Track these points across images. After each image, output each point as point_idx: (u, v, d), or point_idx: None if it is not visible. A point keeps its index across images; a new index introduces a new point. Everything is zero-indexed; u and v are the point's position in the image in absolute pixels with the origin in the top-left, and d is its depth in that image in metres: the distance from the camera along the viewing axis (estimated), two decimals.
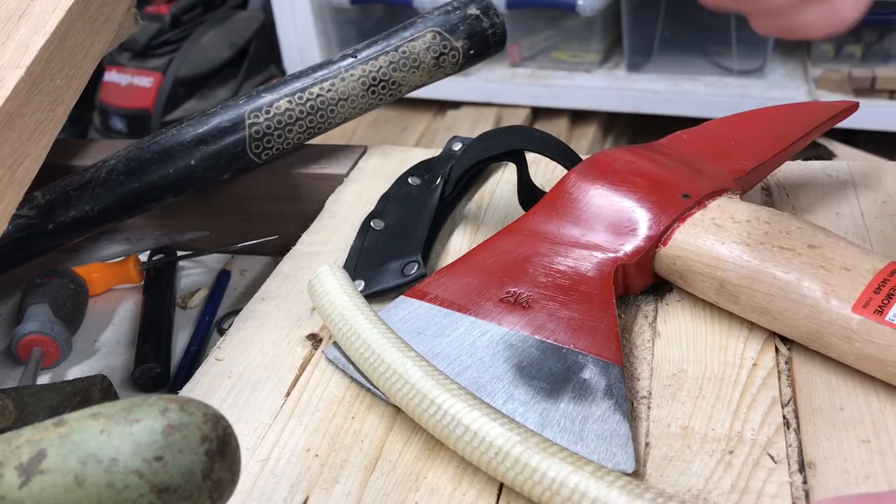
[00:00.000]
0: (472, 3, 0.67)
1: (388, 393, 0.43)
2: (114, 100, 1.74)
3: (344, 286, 0.48)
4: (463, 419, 0.39)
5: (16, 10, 0.55)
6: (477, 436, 0.39)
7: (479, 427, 0.39)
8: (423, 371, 0.42)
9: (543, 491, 0.37)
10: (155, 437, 0.30)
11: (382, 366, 0.43)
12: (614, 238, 0.51)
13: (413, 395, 0.41)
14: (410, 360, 0.43)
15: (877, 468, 0.39)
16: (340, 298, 0.47)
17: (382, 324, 0.45)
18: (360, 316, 0.45)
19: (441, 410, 0.40)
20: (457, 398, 0.40)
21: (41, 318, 0.59)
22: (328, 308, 0.47)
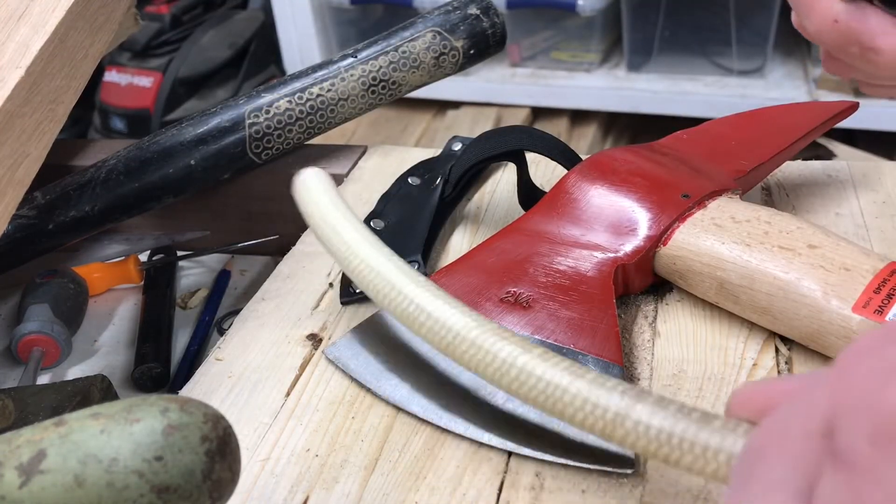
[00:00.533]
0: (472, 3, 0.67)
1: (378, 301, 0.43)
2: (114, 100, 1.74)
3: (329, 192, 0.49)
4: (431, 311, 0.40)
5: (16, 10, 0.55)
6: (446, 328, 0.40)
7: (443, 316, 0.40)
8: (400, 269, 0.43)
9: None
10: (155, 437, 0.30)
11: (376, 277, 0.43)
12: (614, 238, 0.51)
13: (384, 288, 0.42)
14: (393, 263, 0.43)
15: None
16: (326, 206, 0.48)
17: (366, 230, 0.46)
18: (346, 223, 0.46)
19: (409, 301, 0.41)
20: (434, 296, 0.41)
21: (41, 318, 0.59)
22: (314, 216, 0.49)
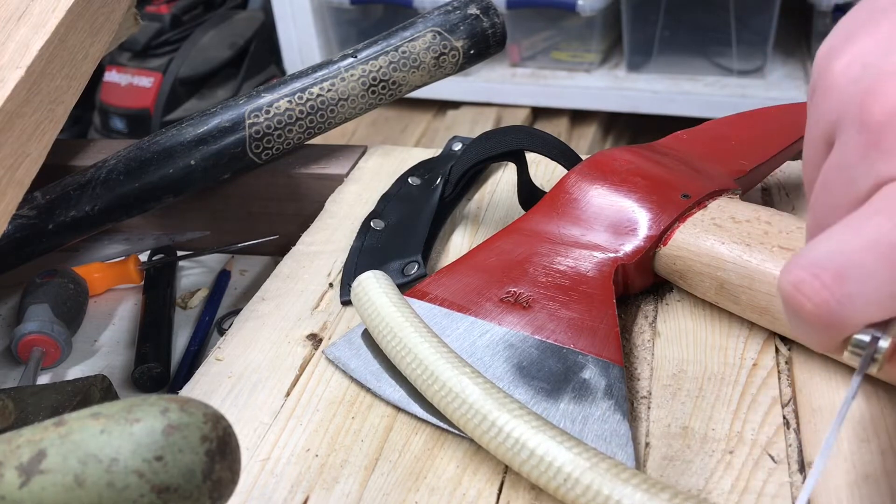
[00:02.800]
0: (472, 3, 0.67)
1: (445, 411, 0.43)
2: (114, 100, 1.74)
3: (389, 294, 0.47)
4: (528, 444, 0.38)
5: (16, 10, 0.55)
6: (549, 464, 0.38)
7: (547, 453, 0.38)
8: (483, 390, 0.41)
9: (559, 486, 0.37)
10: (155, 436, 0.30)
11: (441, 387, 0.42)
12: (614, 238, 0.51)
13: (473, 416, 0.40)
14: (467, 377, 0.42)
15: (877, 468, 0.39)
16: (387, 308, 0.46)
17: (433, 336, 0.45)
18: (410, 328, 0.45)
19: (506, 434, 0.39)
20: (519, 419, 0.39)
21: (41, 318, 0.59)
22: (374, 318, 0.47)
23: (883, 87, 0.30)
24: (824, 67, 0.33)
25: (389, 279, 0.48)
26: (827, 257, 0.29)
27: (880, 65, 0.30)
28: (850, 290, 0.29)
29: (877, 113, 0.30)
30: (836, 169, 0.32)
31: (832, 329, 0.30)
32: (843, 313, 0.29)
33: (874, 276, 0.29)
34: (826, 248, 0.29)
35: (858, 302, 0.29)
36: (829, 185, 0.32)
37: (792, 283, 0.30)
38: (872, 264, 0.29)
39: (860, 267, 0.29)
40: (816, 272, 0.29)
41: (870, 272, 0.29)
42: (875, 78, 0.30)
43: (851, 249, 0.29)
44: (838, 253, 0.29)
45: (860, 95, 0.30)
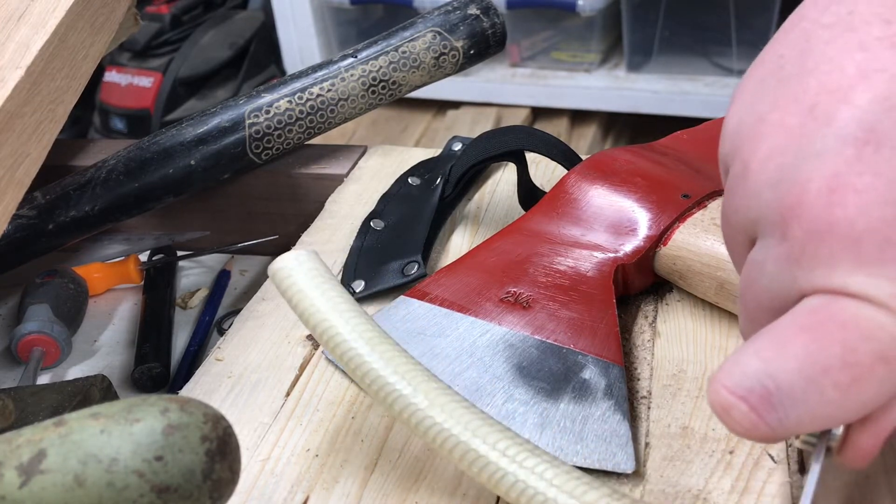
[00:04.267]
0: (472, 3, 0.67)
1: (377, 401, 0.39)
2: (114, 100, 1.74)
3: (315, 281, 0.40)
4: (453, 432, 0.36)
5: (16, 9, 0.55)
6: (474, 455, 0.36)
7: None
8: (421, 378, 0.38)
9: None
10: (155, 436, 0.30)
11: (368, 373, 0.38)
12: (614, 238, 0.51)
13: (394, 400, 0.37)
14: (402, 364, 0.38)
15: (877, 468, 0.39)
16: (316, 302, 0.39)
17: (366, 322, 0.40)
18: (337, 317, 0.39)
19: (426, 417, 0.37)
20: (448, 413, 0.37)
21: (41, 318, 0.59)
22: (303, 312, 0.40)
23: (802, 201, 0.29)
24: (736, 151, 0.32)
25: (319, 261, 0.41)
26: (755, 379, 0.29)
27: (797, 170, 0.30)
28: (781, 416, 0.29)
29: (796, 229, 0.29)
30: (759, 270, 0.31)
31: (768, 442, 0.31)
32: (776, 435, 0.30)
33: (805, 402, 0.29)
34: (754, 368, 0.29)
35: (791, 425, 0.29)
36: (752, 284, 0.32)
37: (721, 406, 0.30)
38: (802, 390, 0.29)
39: (789, 393, 0.29)
40: (744, 395, 0.29)
41: (800, 398, 0.29)
42: (793, 188, 0.29)
43: (780, 371, 0.29)
44: (766, 375, 0.29)
45: (779, 206, 0.30)
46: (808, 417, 0.29)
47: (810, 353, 0.29)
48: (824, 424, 0.30)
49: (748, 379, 0.29)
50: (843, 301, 0.28)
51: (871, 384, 0.28)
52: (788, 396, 0.29)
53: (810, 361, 0.29)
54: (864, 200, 0.28)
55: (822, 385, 0.28)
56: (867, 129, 0.29)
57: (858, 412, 0.29)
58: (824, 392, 0.28)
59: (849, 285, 0.28)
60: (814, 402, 0.29)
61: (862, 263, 0.28)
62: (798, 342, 0.29)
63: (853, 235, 0.28)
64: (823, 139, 0.29)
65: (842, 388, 0.28)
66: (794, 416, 0.29)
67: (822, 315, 0.29)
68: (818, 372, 0.28)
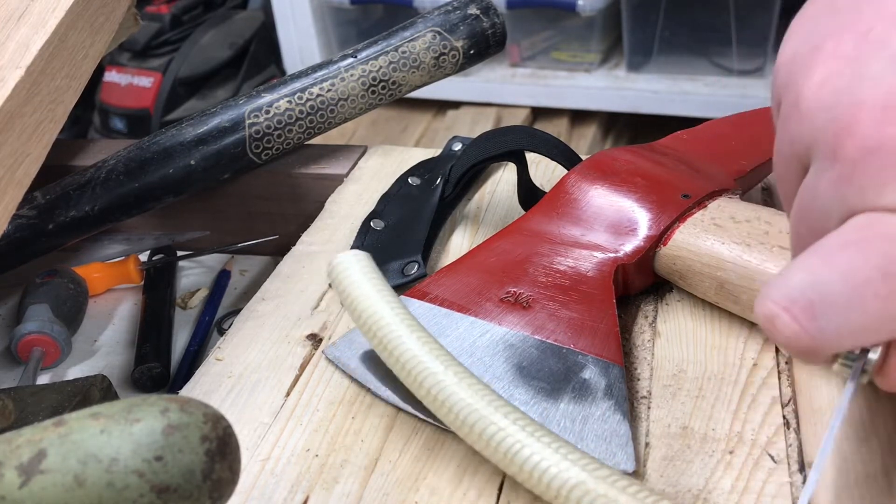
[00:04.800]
0: (472, 3, 0.67)
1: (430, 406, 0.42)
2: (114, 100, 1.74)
3: (369, 275, 0.45)
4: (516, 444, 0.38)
5: (16, 9, 0.55)
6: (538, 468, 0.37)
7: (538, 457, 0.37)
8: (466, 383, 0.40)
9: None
10: (155, 436, 0.30)
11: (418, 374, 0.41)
12: (614, 238, 0.51)
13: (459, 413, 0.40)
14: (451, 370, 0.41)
15: (877, 468, 0.39)
16: (367, 289, 0.44)
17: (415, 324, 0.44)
18: (392, 315, 0.43)
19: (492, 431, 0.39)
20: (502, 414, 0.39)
21: (41, 318, 0.59)
22: (355, 299, 0.44)
23: (855, 121, 0.30)
24: (790, 82, 0.33)
25: (371, 261, 0.46)
26: (799, 290, 0.30)
27: (851, 93, 0.30)
28: (822, 325, 0.29)
29: (849, 148, 0.30)
30: (811, 194, 0.32)
31: (810, 356, 0.31)
32: (817, 346, 0.30)
33: (846, 312, 0.29)
34: (798, 280, 0.30)
35: (831, 336, 0.30)
36: (805, 209, 0.33)
37: (765, 316, 0.30)
38: (844, 300, 0.29)
39: (832, 303, 0.29)
40: (788, 306, 0.30)
41: (842, 308, 0.29)
42: (847, 110, 0.30)
43: (823, 282, 0.29)
44: (810, 286, 0.30)
45: (833, 127, 0.30)
46: (847, 328, 0.30)
47: (854, 265, 0.29)
48: (864, 336, 0.30)
49: (793, 290, 0.30)
50: (890, 217, 0.29)
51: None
52: (831, 306, 0.29)
53: (852, 272, 0.29)
54: None
55: (864, 295, 0.29)
56: None
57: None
58: (866, 302, 0.29)
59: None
60: (855, 311, 0.29)
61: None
62: (843, 255, 0.30)
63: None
64: (878, 62, 0.30)
65: (882, 298, 0.29)
66: (834, 326, 0.29)
67: (867, 230, 0.29)
68: (860, 282, 0.29)
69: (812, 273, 0.30)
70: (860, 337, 0.30)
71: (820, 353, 0.31)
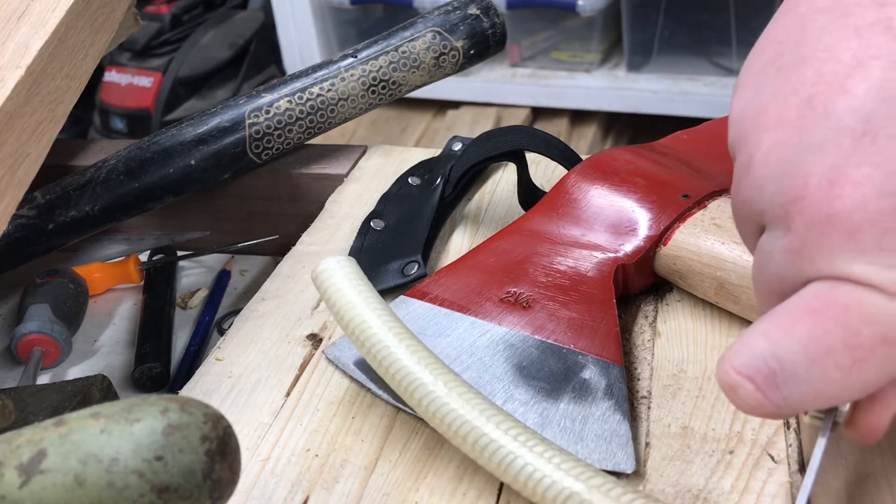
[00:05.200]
0: (473, 3, 0.67)
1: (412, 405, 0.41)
2: (114, 100, 1.74)
3: (354, 282, 0.45)
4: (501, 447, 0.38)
5: (16, 9, 0.55)
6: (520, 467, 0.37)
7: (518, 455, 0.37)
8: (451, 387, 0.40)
9: None
10: (155, 436, 0.30)
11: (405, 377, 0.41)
12: (614, 238, 0.51)
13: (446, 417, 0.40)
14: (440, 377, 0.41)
15: (877, 468, 0.39)
16: (352, 297, 0.44)
17: (399, 326, 0.43)
18: (376, 319, 0.43)
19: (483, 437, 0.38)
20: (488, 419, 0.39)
21: (41, 318, 0.59)
22: (340, 308, 0.44)
23: (802, 196, 0.30)
24: (741, 142, 0.33)
25: (356, 266, 0.45)
26: (761, 360, 0.30)
27: (798, 164, 0.31)
28: (785, 395, 0.30)
29: (798, 222, 0.30)
30: (767, 259, 0.33)
31: (775, 418, 0.33)
32: (781, 413, 0.31)
33: (808, 382, 0.30)
34: (760, 350, 0.31)
35: (794, 403, 0.30)
36: (762, 271, 0.34)
37: (728, 385, 0.31)
38: (805, 371, 0.30)
39: (793, 373, 0.30)
40: (751, 375, 0.31)
41: (804, 378, 0.30)
42: (794, 182, 0.30)
43: (785, 352, 0.30)
44: (772, 356, 0.30)
45: (781, 200, 0.31)
46: (811, 396, 0.30)
47: (814, 336, 0.30)
48: (828, 402, 0.31)
49: (755, 359, 0.31)
50: (846, 286, 0.29)
51: (873, 365, 0.29)
52: (792, 376, 0.30)
53: (814, 343, 0.30)
54: (862, 192, 0.29)
55: (825, 366, 0.29)
56: (864, 121, 0.29)
57: (861, 391, 0.30)
58: (827, 372, 0.29)
59: (851, 272, 0.29)
60: (817, 381, 0.30)
61: (862, 253, 0.29)
62: (803, 324, 0.30)
63: (852, 227, 0.29)
64: (822, 131, 0.30)
65: (844, 368, 0.29)
66: (797, 395, 0.30)
67: (825, 298, 0.30)
68: (821, 353, 0.29)
69: (773, 342, 0.30)
70: (825, 403, 0.31)
71: (786, 416, 0.32)
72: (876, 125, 0.29)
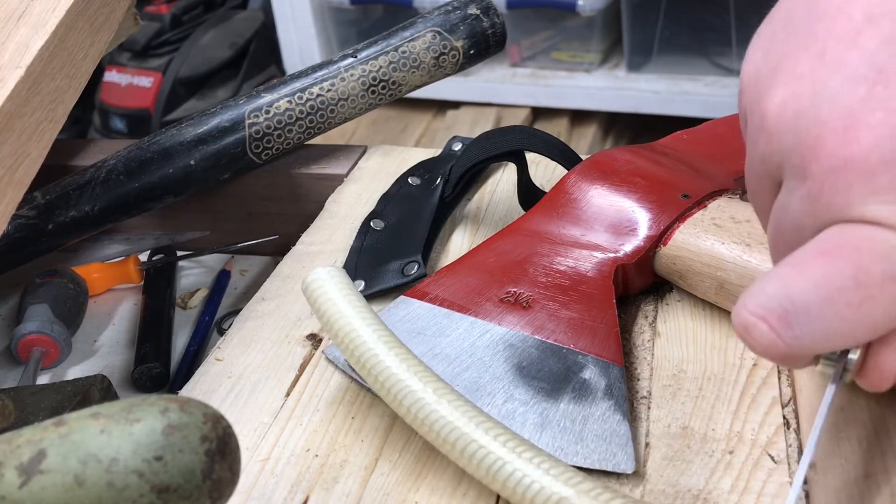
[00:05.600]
0: (472, 3, 0.67)
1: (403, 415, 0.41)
2: (114, 100, 1.74)
3: (344, 291, 0.45)
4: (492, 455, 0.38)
5: (16, 9, 0.55)
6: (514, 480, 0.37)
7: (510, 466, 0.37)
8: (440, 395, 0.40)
9: None
10: (155, 436, 0.30)
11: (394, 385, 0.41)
12: (614, 238, 0.51)
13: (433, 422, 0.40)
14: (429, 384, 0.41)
15: (877, 468, 0.39)
16: (343, 307, 0.43)
17: (391, 339, 0.43)
18: (367, 330, 0.43)
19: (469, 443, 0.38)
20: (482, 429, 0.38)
21: (41, 318, 0.59)
22: (330, 318, 0.44)
23: (818, 143, 0.31)
24: (754, 102, 0.34)
25: (346, 276, 0.45)
26: (774, 300, 0.31)
27: (812, 114, 0.31)
28: (798, 333, 0.31)
29: (815, 168, 0.31)
30: (785, 211, 0.33)
31: (788, 362, 0.32)
32: (793, 353, 0.31)
33: (820, 320, 0.30)
34: (773, 290, 0.31)
35: (807, 342, 0.31)
36: (780, 225, 0.34)
37: (742, 326, 0.32)
38: (818, 308, 0.30)
39: (806, 311, 0.30)
40: (764, 315, 0.31)
41: (816, 316, 0.30)
42: (810, 131, 0.31)
43: (797, 292, 0.31)
44: (785, 295, 0.31)
45: (798, 149, 0.31)
46: (822, 335, 0.31)
47: (825, 274, 0.30)
48: (839, 342, 0.31)
49: (769, 300, 0.31)
50: (859, 227, 0.30)
51: (882, 303, 0.30)
52: (805, 315, 0.30)
53: (825, 281, 0.30)
54: (877, 134, 0.30)
55: (837, 303, 0.30)
56: (877, 70, 0.30)
57: (872, 330, 0.31)
58: (839, 310, 0.30)
59: (865, 213, 0.30)
60: (829, 320, 0.30)
61: (877, 193, 0.29)
62: (815, 265, 0.31)
63: (868, 168, 0.30)
64: (836, 83, 0.31)
65: (854, 306, 0.30)
66: (809, 334, 0.31)
67: (838, 240, 0.31)
68: (832, 291, 0.30)
69: (786, 283, 0.31)
70: (836, 342, 0.31)
71: (798, 359, 0.32)
72: (889, 73, 0.30)
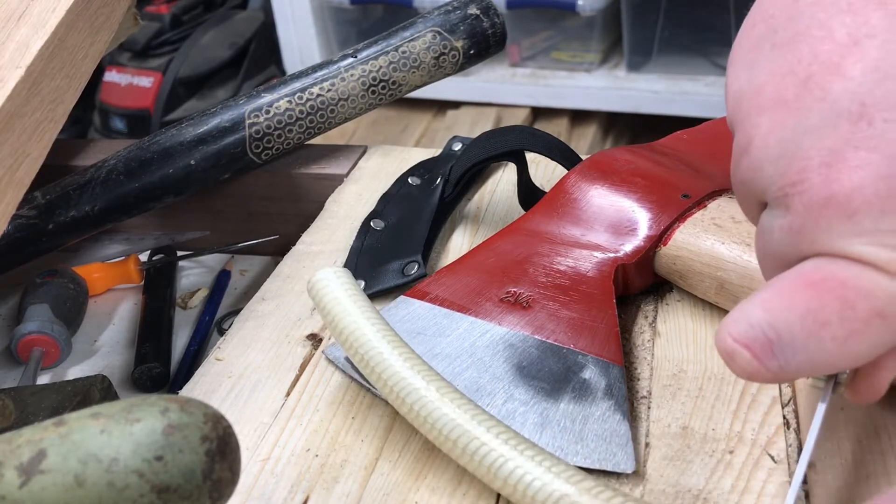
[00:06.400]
0: (473, 3, 0.67)
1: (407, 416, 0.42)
2: (114, 100, 1.74)
3: (349, 291, 0.45)
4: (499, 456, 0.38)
5: (16, 9, 0.55)
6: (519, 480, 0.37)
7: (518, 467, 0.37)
8: (444, 396, 0.40)
9: None
10: (155, 436, 0.30)
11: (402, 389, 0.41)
12: (614, 238, 0.51)
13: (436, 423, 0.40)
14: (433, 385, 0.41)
15: (877, 468, 0.39)
16: (348, 306, 0.44)
17: (397, 341, 0.43)
18: (373, 331, 0.43)
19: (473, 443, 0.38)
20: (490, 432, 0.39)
21: (41, 318, 0.59)
22: (335, 317, 0.44)
23: (801, 178, 0.31)
24: (739, 121, 0.34)
25: (351, 277, 0.46)
26: (758, 329, 0.31)
27: (796, 146, 0.31)
28: (781, 363, 0.31)
29: (797, 203, 0.31)
30: (768, 236, 0.34)
31: (773, 383, 0.33)
32: (778, 379, 0.32)
33: (804, 352, 0.31)
34: (758, 319, 0.31)
35: (791, 371, 0.31)
36: (764, 247, 0.34)
37: (725, 352, 0.32)
38: (802, 342, 0.31)
39: (790, 343, 0.31)
40: (748, 343, 0.31)
41: (800, 348, 0.31)
42: (792, 164, 0.31)
43: (782, 323, 0.31)
44: (769, 326, 0.31)
45: (781, 182, 0.32)
46: (807, 365, 0.31)
47: (811, 308, 0.31)
48: (824, 370, 0.32)
49: (752, 328, 0.31)
50: (843, 262, 0.30)
51: (868, 338, 0.30)
52: (789, 346, 0.31)
53: (811, 315, 0.30)
54: (859, 175, 0.29)
55: (821, 337, 0.30)
56: (860, 103, 0.30)
57: (856, 361, 0.31)
58: (823, 343, 0.30)
59: (849, 251, 0.30)
60: (813, 351, 0.31)
61: (860, 234, 0.30)
62: (800, 296, 0.31)
63: (850, 210, 0.30)
64: (819, 114, 0.31)
65: (839, 340, 0.30)
66: (794, 364, 0.31)
67: (823, 272, 0.31)
68: (818, 325, 0.30)
69: (770, 312, 0.31)
70: (820, 371, 0.32)
71: (783, 382, 0.32)
72: (872, 108, 0.30)
